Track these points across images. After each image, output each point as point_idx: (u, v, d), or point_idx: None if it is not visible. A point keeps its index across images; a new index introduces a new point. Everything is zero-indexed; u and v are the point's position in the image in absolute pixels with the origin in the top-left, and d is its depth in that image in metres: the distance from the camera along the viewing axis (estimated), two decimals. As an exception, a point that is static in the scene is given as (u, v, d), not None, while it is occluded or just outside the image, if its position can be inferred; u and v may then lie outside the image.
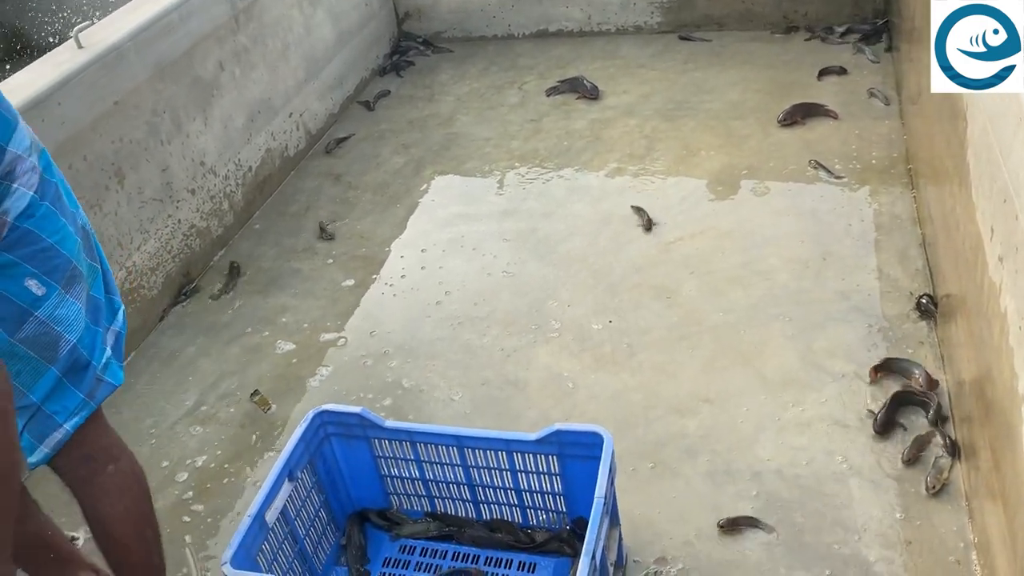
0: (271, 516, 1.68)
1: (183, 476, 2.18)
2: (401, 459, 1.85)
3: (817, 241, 2.62)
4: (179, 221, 2.82)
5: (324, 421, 1.84)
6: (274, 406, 2.35)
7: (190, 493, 2.13)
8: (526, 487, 1.80)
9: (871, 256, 2.52)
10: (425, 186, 3.23)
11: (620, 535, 1.74)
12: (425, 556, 1.86)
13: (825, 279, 2.47)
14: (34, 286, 1.39)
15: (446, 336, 2.49)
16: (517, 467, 1.77)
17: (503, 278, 2.69)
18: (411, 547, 1.88)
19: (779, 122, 3.20)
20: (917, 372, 2.08)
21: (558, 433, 1.69)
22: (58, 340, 1.41)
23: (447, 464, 1.82)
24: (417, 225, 3.02)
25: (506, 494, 1.83)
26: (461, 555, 1.85)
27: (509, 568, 1.80)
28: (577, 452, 1.70)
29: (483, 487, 1.84)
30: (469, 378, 2.33)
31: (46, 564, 1.67)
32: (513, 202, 3.04)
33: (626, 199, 2.94)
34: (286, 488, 1.73)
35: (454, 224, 2.98)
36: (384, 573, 1.84)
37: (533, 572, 1.78)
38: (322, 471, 1.85)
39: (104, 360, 1.50)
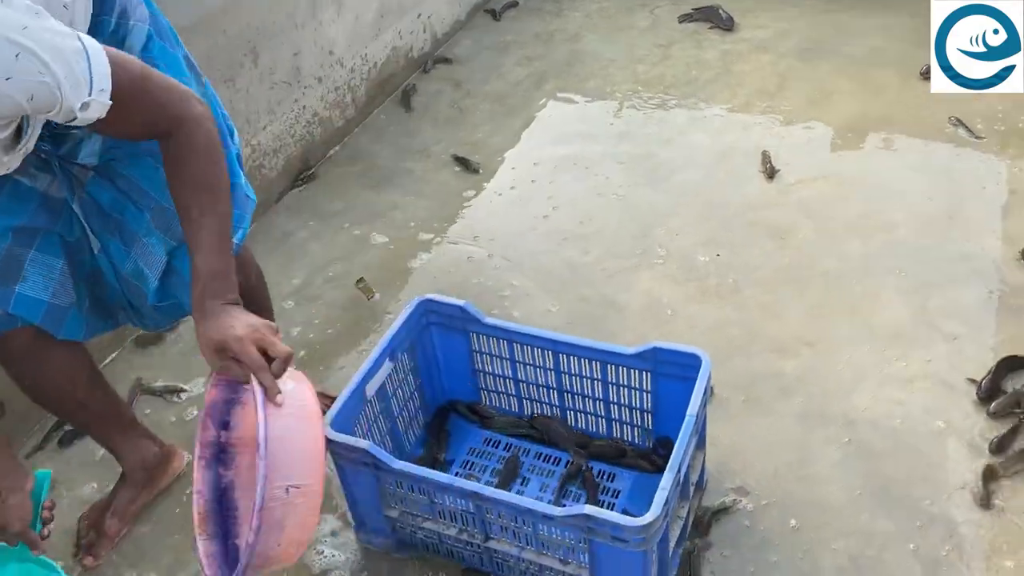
0: (370, 390, 1.75)
1: (289, 342, 2.25)
2: (496, 356, 1.89)
3: (946, 200, 2.50)
4: (304, 107, 2.89)
5: (427, 310, 1.88)
6: (377, 295, 2.41)
7: (297, 361, 2.22)
8: (615, 400, 1.82)
9: (1001, 221, 2.40)
10: (544, 100, 3.20)
11: (704, 459, 1.75)
12: (508, 451, 1.91)
13: (949, 239, 2.37)
14: None
15: (549, 250, 2.51)
16: (609, 379, 1.79)
17: (613, 200, 2.67)
18: (496, 441, 1.93)
19: (921, 74, 3.03)
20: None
21: (656, 350, 1.70)
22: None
23: (540, 367, 1.85)
24: (532, 139, 3.01)
25: (594, 404, 1.85)
26: (544, 455, 1.89)
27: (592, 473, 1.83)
28: (672, 372, 1.70)
29: (572, 394, 1.86)
30: (567, 293, 2.35)
31: (113, 428, 1.78)
32: (632, 126, 3.00)
33: (750, 135, 2.86)
34: (386, 367, 1.79)
35: (569, 141, 2.96)
36: (467, 461, 1.90)
37: (612, 481, 1.81)
38: (420, 357, 1.91)
39: (242, 178, 1.57)
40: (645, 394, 1.77)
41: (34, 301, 1.46)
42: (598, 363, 1.77)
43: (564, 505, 1.65)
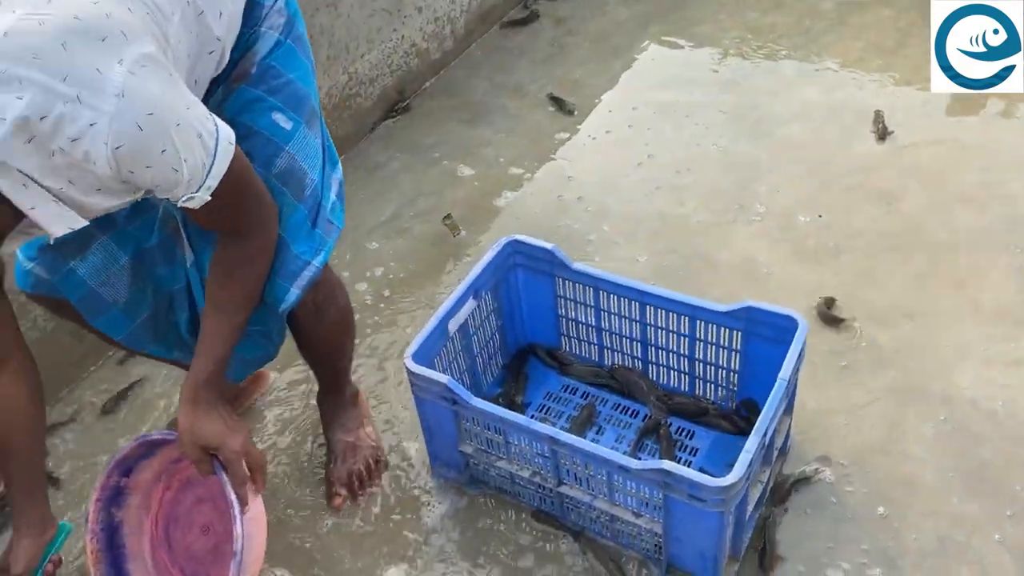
0: (452, 326, 1.74)
1: (374, 275, 2.28)
2: (581, 303, 1.86)
3: (1075, 175, 2.33)
4: (402, 37, 2.85)
5: (514, 250, 1.86)
6: (463, 232, 2.39)
7: (375, 295, 2.24)
8: (701, 357, 1.77)
9: None
10: (647, 43, 3.09)
11: (790, 425, 1.69)
12: (586, 399, 1.88)
13: (1074, 217, 2.21)
14: (281, 120, 1.40)
15: (641, 198, 2.44)
16: (697, 336, 1.74)
17: (712, 151, 2.57)
18: (574, 388, 1.91)
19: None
20: None
21: (749, 309, 1.63)
22: (304, 177, 1.43)
23: (625, 318, 1.81)
24: (632, 82, 2.92)
25: (678, 360, 1.81)
26: (622, 407, 1.86)
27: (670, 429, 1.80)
28: (765, 333, 1.64)
29: (656, 348, 1.82)
30: (657, 244, 2.28)
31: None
32: (737, 75, 2.87)
33: (863, 93, 2.71)
34: (470, 304, 1.78)
35: (670, 88, 2.85)
36: (544, 405, 1.89)
37: (690, 439, 1.77)
38: (503, 298, 1.89)
39: (331, 203, 1.49)
40: (734, 354, 1.71)
41: (79, 281, 1.45)
42: (687, 318, 1.72)
43: (640, 459, 1.62)
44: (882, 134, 2.54)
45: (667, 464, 1.38)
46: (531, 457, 1.60)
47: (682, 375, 1.83)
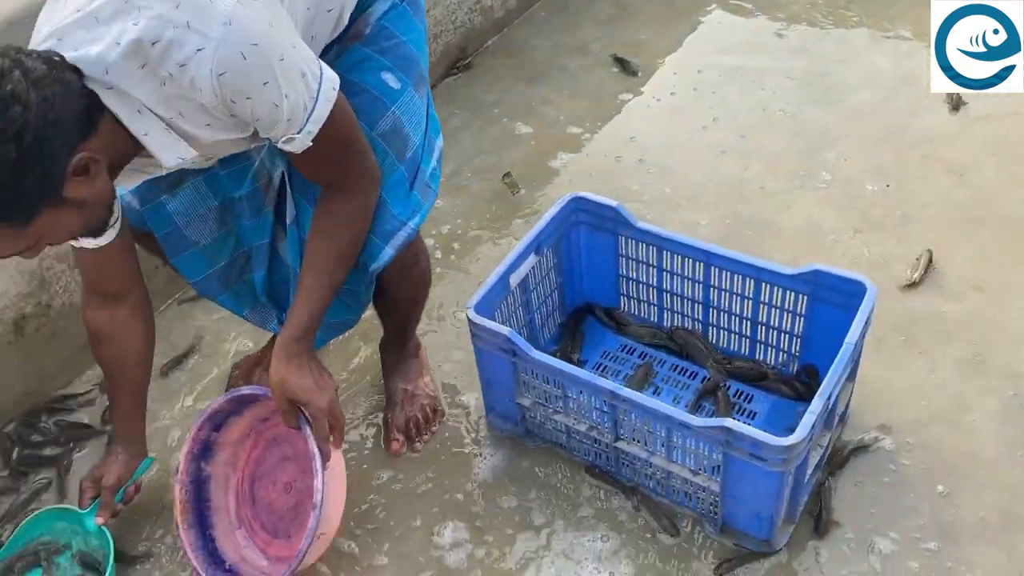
0: (514, 280, 1.74)
1: (436, 232, 2.29)
2: (643, 263, 1.85)
3: None
4: (467, -7, 2.84)
5: (578, 207, 1.85)
6: (522, 190, 2.39)
7: (441, 246, 2.25)
8: (764, 321, 1.75)
9: None
10: (712, 7, 3.03)
11: (852, 392, 1.67)
12: (643, 360, 1.88)
13: None
14: (390, 80, 1.41)
15: (705, 161, 2.41)
16: (761, 299, 1.72)
17: (779, 116, 2.53)
18: (632, 348, 1.91)
19: None
20: None
21: (817, 273, 1.61)
22: (408, 138, 1.44)
23: (688, 279, 1.80)
24: (698, 45, 2.87)
25: (740, 323, 1.79)
26: (680, 368, 1.85)
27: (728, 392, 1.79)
28: (831, 298, 1.62)
29: (718, 310, 1.81)
30: (720, 208, 2.26)
31: None
32: (807, 41, 2.81)
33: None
34: (531, 260, 1.78)
35: (738, 52, 2.80)
36: (600, 364, 1.89)
37: (749, 402, 1.76)
38: (564, 255, 1.89)
39: (430, 168, 1.51)
40: (798, 318, 1.69)
41: (167, 217, 1.48)
42: (752, 280, 1.70)
43: (697, 418, 1.61)
44: (956, 104, 2.47)
45: (729, 422, 1.38)
46: (589, 411, 1.61)
47: (743, 338, 1.82)
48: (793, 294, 1.67)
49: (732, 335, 1.83)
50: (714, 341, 1.86)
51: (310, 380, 1.39)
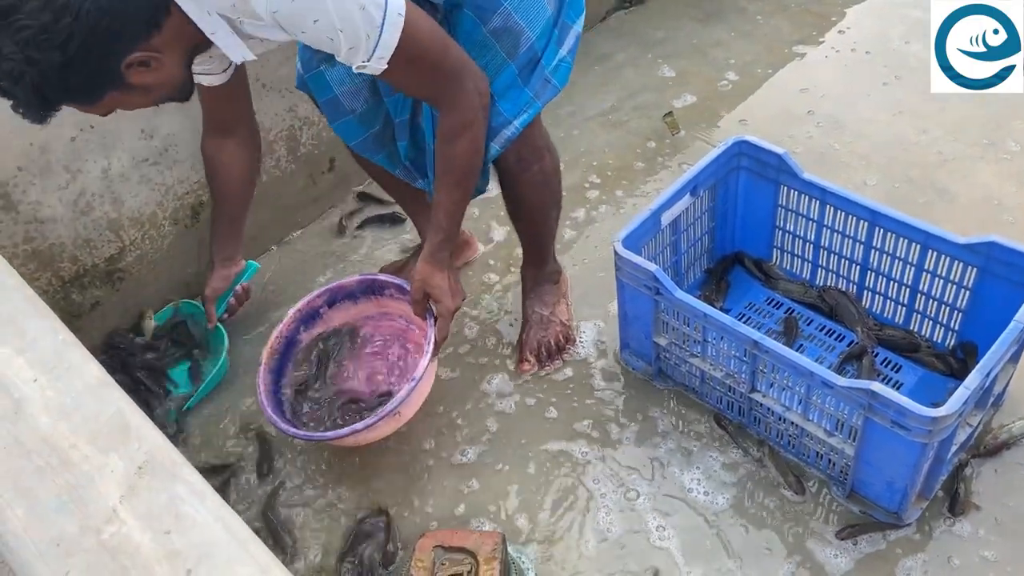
0: (666, 219, 1.73)
1: (587, 162, 2.29)
2: (803, 215, 1.79)
3: None
4: (649, -76, 2.76)
5: (741, 152, 1.80)
6: (682, 131, 2.35)
7: (592, 179, 2.25)
8: (924, 290, 1.67)
9: None
10: (911, -44, 2.83)
11: (1012, 376, 1.58)
12: (788, 315, 1.83)
13: None
14: None
15: (881, 120, 2.29)
16: (926, 266, 1.64)
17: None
18: (778, 303, 1.87)
19: None
20: None
21: (992, 245, 1.52)
22: (520, 35, 1.43)
23: (849, 237, 1.73)
24: (888, -3, 2.70)
25: (898, 290, 1.72)
26: (827, 328, 1.80)
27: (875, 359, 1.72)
28: (1005, 274, 1.52)
29: (876, 274, 1.73)
30: (892, 170, 2.14)
31: (421, 207, 1.87)
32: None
33: None
34: (686, 200, 1.75)
35: (928, 7, 2.60)
36: (744, 315, 1.86)
37: (896, 372, 1.70)
38: (720, 200, 1.85)
39: (555, 62, 1.49)
40: (963, 291, 1.60)
41: (326, 84, 1.58)
42: (918, 246, 1.62)
43: (839, 381, 1.57)
44: None
45: (876, 385, 1.34)
46: (727, 359, 1.59)
47: (898, 306, 1.74)
48: (962, 265, 1.58)
49: (888, 301, 1.76)
50: (867, 305, 1.79)
51: (446, 282, 1.54)
